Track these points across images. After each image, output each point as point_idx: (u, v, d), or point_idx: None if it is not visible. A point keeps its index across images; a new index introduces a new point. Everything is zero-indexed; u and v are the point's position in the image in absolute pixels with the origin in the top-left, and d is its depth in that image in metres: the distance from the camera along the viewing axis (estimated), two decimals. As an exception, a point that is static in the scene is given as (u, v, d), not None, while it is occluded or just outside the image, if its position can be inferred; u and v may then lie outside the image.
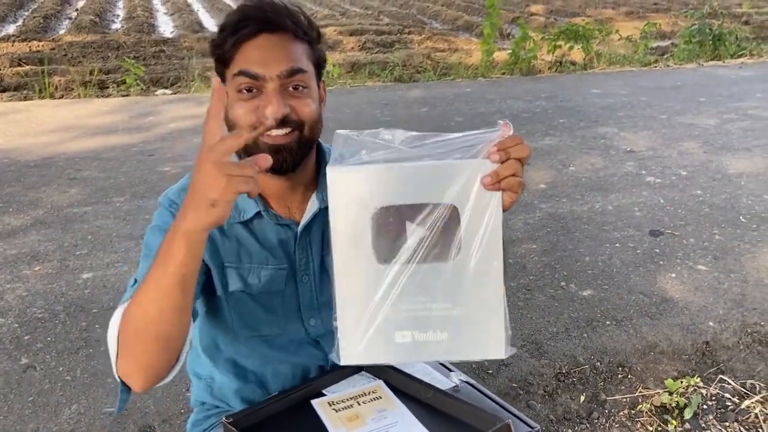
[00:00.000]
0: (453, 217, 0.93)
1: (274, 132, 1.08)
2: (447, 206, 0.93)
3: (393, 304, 0.94)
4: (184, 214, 0.87)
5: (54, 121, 5.43)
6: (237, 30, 1.09)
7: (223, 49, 1.10)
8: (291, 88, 1.09)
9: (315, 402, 1.15)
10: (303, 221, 1.21)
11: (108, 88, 7.01)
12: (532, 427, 1.20)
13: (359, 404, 1.14)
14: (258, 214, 1.18)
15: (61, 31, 11.08)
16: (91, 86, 6.86)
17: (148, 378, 1.03)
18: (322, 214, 1.21)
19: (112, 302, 2.66)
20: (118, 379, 1.07)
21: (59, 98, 6.47)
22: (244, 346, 1.26)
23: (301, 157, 1.13)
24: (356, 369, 1.24)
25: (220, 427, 1.19)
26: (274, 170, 1.10)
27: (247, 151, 1.09)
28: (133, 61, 7.44)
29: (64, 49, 8.99)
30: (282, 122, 1.08)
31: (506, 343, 0.96)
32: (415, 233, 0.93)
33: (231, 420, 1.07)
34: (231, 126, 1.09)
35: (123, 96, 6.57)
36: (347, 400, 1.15)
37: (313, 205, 1.21)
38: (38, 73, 7.03)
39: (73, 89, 6.82)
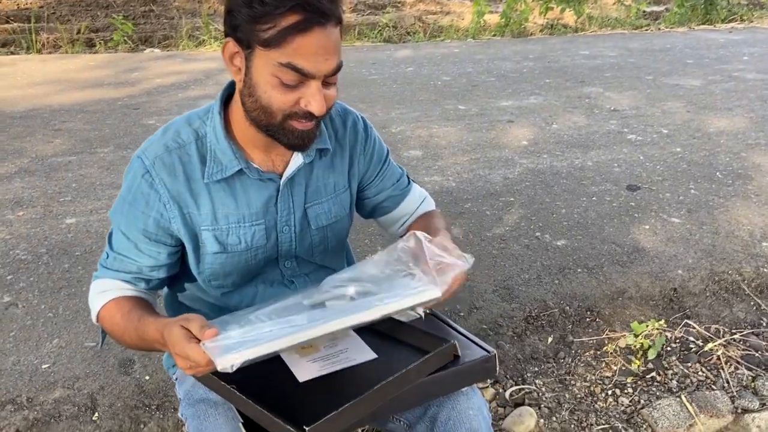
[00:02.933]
0: None
1: (305, 120, 1.08)
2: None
3: None
4: (165, 342, 1.01)
5: (40, 75, 5.38)
6: (282, 12, 0.99)
7: (263, 27, 1.01)
8: (326, 80, 1.07)
9: None
10: (287, 174, 1.21)
11: (96, 45, 6.95)
12: (489, 352, 1.26)
13: None
14: (239, 171, 1.17)
15: (49, -11, 10.90)
16: (79, 44, 6.80)
17: None
18: (306, 167, 1.23)
19: (95, 246, 2.69)
20: (99, 325, 1.22)
21: (47, 54, 6.41)
22: (214, 292, 1.29)
23: None
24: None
25: None
26: (294, 149, 1.15)
27: (272, 132, 1.10)
28: (122, 18, 7.37)
29: (53, 7, 8.87)
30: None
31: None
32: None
33: None
34: (261, 106, 1.07)
35: (111, 53, 6.52)
36: None
37: (297, 159, 1.21)
38: (26, 30, 6.95)
39: (60, 46, 6.76)
